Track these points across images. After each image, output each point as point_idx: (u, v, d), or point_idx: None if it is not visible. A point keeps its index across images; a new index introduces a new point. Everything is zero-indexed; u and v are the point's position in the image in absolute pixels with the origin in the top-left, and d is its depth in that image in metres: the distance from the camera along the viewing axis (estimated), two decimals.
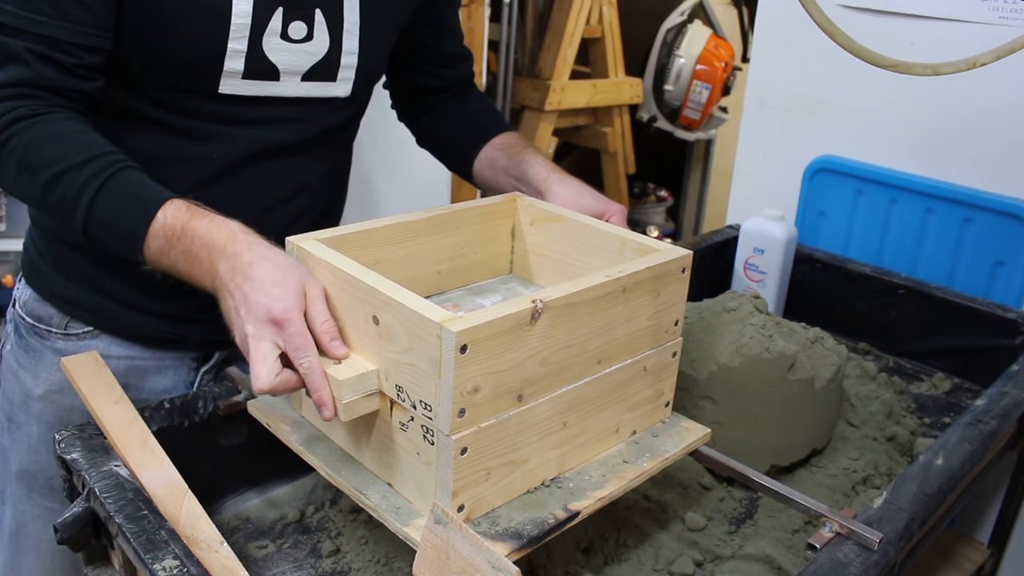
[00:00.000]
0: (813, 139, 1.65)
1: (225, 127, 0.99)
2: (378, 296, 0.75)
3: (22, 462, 1.09)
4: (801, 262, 1.53)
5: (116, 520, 0.76)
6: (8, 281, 2.70)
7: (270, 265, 0.79)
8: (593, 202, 1.06)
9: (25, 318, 1.10)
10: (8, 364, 1.13)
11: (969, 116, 1.45)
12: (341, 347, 0.79)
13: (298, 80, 1.01)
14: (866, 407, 1.22)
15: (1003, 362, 1.24)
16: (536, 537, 0.76)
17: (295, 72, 1.00)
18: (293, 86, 1.01)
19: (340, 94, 1.06)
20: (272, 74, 0.98)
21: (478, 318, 0.70)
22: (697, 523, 1.00)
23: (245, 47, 0.95)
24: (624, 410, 0.89)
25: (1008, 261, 1.42)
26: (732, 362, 1.06)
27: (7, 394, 1.12)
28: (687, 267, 0.89)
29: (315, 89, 1.03)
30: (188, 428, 0.94)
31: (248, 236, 0.82)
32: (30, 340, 1.10)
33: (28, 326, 1.10)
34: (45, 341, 1.08)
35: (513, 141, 1.20)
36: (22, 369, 1.10)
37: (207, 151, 1.00)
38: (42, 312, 1.09)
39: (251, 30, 0.94)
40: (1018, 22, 1.35)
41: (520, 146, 1.19)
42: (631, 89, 3.35)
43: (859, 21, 1.51)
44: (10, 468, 1.11)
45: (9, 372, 1.12)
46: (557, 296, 0.76)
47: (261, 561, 0.91)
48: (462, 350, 0.69)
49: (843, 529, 0.82)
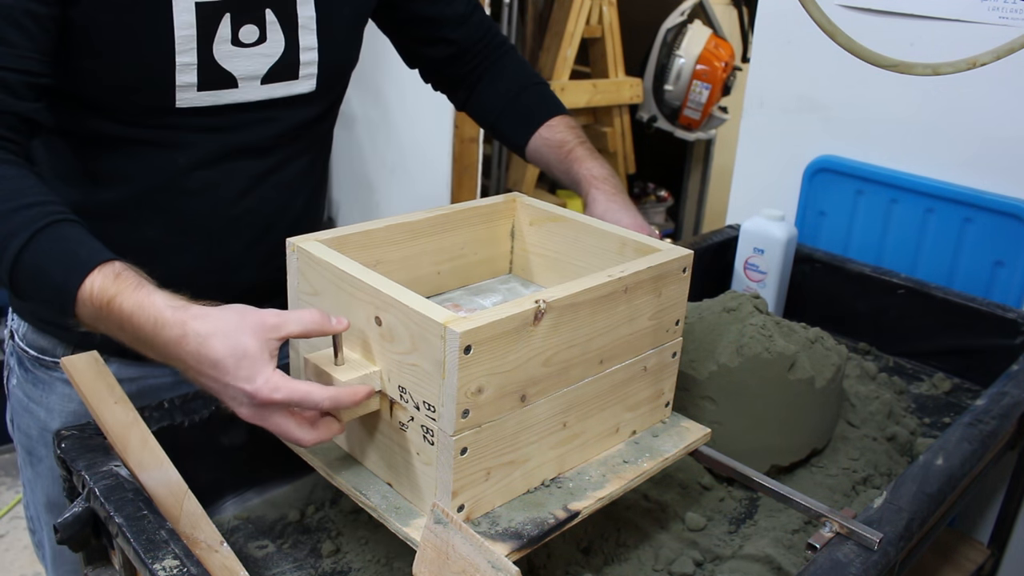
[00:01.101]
0: (813, 139, 1.65)
1: (192, 135, 0.97)
2: (380, 297, 0.75)
3: (48, 494, 1.09)
4: (801, 262, 1.53)
5: (116, 520, 0.75)
6: None
7: (216, 340, 0.72)
8: (624, 218, 1.06)
9: (28, 350, 1.08)
10: (18, 399, 1.10)
11: (969, 116, 1.45)
12: (339, 321, 0.77)
13: (258, 84, 0.98)
14: (866, 407, 1.22)
15: (1003, 362, 1.24)
16: (536, 537, 0.76)
17: (253, 77, 0.97)
18: (253, 91, 0.98)
19: (305, 90, 1.02)
20: (229, 82, 0.95)
21: (482, 319, 0.70)
22: (697, 523, 1.00)
23: (195, 59, 0.92)
24: (624, 410, 0.89)
25: (1008, 261, 1.42)
26: (732, 362, 1.06)
27: (23, 428, 1.10)
28: (688, 267, 0.89)
29: (278, 90, 1.00)
30: (188, 428, 0.94)
31: (176, 313, 0.74)
32: (37, 373, 1.07)
33: (32, 359, 1.08)
34: (52, 372, 1.06)
35: (562, 138, 1.19)
36: (33, 403, 1.08)
37: (175, 159, 0.97)
38: (44, 344, 1.06)
39: (198, 40, 0.91)
40: (1018, 22, 1.35)
41: (569, 146, 1.17)
42: (631, 89, 3.35)
43: (859, 21, 1.51)
44: (38, 499, 1.11)
45: (20, 407, 1.10)
46: (560, 296, 0.76)
47: (261, 561, 0.91)
48: (466, 351, 0.69)
49: (843, 529, 0.82)
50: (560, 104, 1.24)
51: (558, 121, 1.21)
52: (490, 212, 1.02)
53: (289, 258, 0.86)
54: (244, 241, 1.04)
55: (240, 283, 1.04)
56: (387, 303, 0.75)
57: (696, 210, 3.80)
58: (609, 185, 1.12)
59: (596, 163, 1.15)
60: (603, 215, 1.07)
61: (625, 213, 1.07)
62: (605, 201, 1.10)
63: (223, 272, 1.04)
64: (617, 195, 1.11)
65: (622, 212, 1.08)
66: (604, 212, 1.08)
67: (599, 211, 1.08)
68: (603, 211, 1.08)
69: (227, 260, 1.04)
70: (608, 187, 1.11)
